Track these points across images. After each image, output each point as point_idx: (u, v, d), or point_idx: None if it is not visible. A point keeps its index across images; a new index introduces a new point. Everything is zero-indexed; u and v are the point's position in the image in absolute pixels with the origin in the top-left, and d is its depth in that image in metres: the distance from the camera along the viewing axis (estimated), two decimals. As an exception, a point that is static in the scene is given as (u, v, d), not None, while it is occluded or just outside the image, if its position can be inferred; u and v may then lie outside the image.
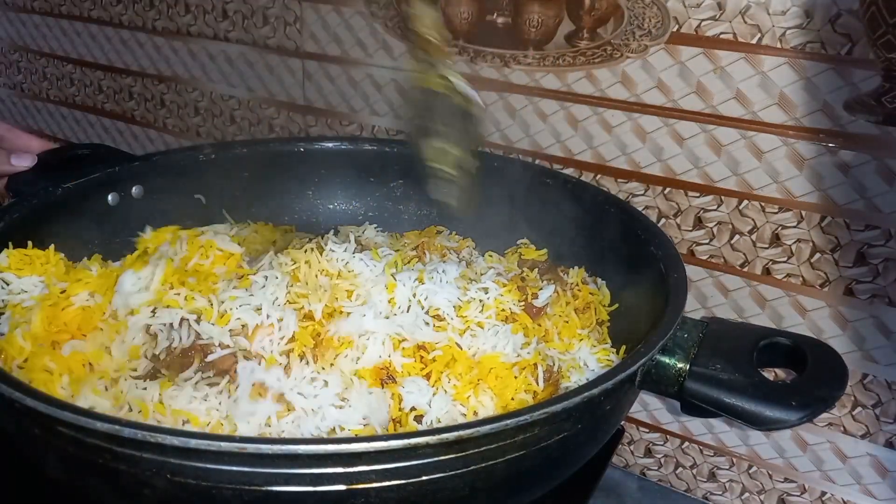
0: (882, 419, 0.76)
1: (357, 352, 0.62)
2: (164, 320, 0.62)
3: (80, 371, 0.61)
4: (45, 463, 0.54)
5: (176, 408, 0.56)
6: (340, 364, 0.62)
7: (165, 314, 0.62)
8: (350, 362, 0.62)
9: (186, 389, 0.58)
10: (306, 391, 0.59)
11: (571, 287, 0.74)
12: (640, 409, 0.90)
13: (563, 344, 0.70)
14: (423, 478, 0.47)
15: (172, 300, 0.63)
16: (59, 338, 0.63)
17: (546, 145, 0.87)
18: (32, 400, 0.47)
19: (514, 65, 0.86)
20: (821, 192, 0.73)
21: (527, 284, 0.73)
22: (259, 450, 0.43)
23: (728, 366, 0.57)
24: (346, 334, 0.63)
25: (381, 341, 0.63)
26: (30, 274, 0.69)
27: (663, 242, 0.69)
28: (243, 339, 0.61)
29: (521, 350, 0.65)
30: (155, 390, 0.57)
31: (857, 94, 0.68)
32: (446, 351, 0.63)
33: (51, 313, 0.64)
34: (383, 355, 0.62)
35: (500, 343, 0.65)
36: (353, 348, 0.62)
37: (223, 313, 0.62)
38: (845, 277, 0.74)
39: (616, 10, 0.78)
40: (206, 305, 0.63)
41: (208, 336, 0.61)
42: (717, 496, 0.89)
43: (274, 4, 1.01)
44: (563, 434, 0.51)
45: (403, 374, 0.62)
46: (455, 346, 0.64)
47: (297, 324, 0.63)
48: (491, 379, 0.63)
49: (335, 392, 0.59)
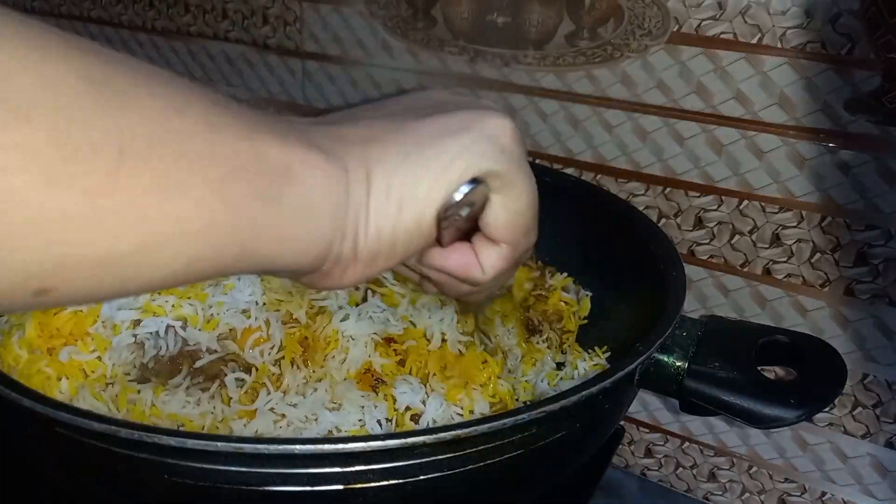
0: (882, 419, 0.75)
1: (342, 353, 0.62)
2: (150, 329, 0.62)
3: (77, 376, 0.61)
4: (43, 464, 0.55)
5: (170, 412, 0.56)
6: (329, 366, 0.62)
7: (151, 322, 0.62)
8: (337, 364, 0.62)
9: (179, 395, 0.58)
10: (297, 400, 0.59)
11: (547, 289, 0.74)
12: (640, 409, 0.90)
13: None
14: (420, 477, 0.47)
15: (159, 307, 0.63)
16: (54, 343, 0.63)
17: (546, 145, 0.87)
18: (30, 401, 0.47)
19: (514, 65, 0.86)
20: (821, 192, 0.72)
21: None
22: (256, 450, 0.43)
23: (727, 364, 0.57)
24: (330, 333, 0.63)
25: (363, 343, 0.63)
26: None
27: (663, 242, 0.69)
28: (231, 342, 0.61)
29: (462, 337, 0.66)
30: (148, 395, 0.57)
31: (857, 94, 0.68)
32: (419, 342, 0.64)
33: (43, 319, 0.63)
34: (365, 356, 0.62)
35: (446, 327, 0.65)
36: (338, 348, 0.62)
37: (209, 318, 0.63)
38: (845, 277, 0.73)
39: (616, 10, 0.78)
40: (191, 312, 0.63)
41: (195, 342, 0.61)
42: (717, 496, 0.89)
43: (274, 4, 1.01)
44: (562, 433, 0.51)
45: (390, 376, 0.62)
46: (422, 337, 0.64)
47: (282, 329, 0.63)
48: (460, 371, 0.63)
49: (328, 397, 0.59)
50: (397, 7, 0.92)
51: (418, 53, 0.93)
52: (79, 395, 0.58)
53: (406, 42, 0.93)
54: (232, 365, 0.60)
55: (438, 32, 0.90)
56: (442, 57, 0.91)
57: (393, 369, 0.62)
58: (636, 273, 0.70)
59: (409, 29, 0.92)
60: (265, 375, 0.60)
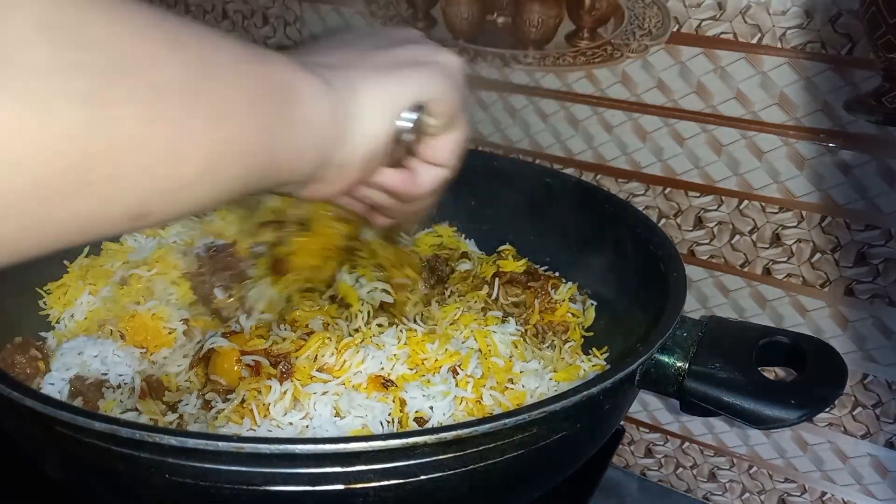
0: (882, 419, 0.76)
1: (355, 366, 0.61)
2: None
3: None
4: (44, 463, 0.55)
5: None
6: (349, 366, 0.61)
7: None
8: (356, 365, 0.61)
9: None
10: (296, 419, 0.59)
11: (552, 304, 0.74)
12: (641, 409, 0.90)
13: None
14: (421, 477, 0.47)
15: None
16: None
17: (546, 145, 0.87)
18: (31, 400, 0.47)
19: (514, 65, 0.86)
20: (821, 192, 0.72)
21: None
22: (257, 449, 0.43)
23: (727, 365, 0.57)
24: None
25: (385, 358, 0.62)
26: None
27: (663, 242, 0.69)
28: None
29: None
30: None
31: (857, 94, 0.68)
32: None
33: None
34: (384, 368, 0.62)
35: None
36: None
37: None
38: (845, 277, 0.74)
39: (616, 10, 0.78)
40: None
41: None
42: (717, 496, 0.89)
43: (274, 4, 1.01)
44: (563, 433, 0.51)
45: (402, 381, 0.62)
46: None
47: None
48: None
49: (331, 412, 0.59)
50: (397, 7, 0.92)
51: (418, 53, 0.93)
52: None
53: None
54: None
55: (438, 32, 0.90)
56: (442, 57, 0.91)
57: (409, 378, 0.62)
58: (636, 274, 0.70)
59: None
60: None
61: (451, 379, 0.62)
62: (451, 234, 0.87)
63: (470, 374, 0.63)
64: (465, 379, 0.62)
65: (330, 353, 0.61)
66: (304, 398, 0.58)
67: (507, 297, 0.76)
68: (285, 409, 0.58)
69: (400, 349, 0.63)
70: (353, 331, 0.64)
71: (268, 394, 0.58)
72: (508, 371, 0.65)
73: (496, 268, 0.79)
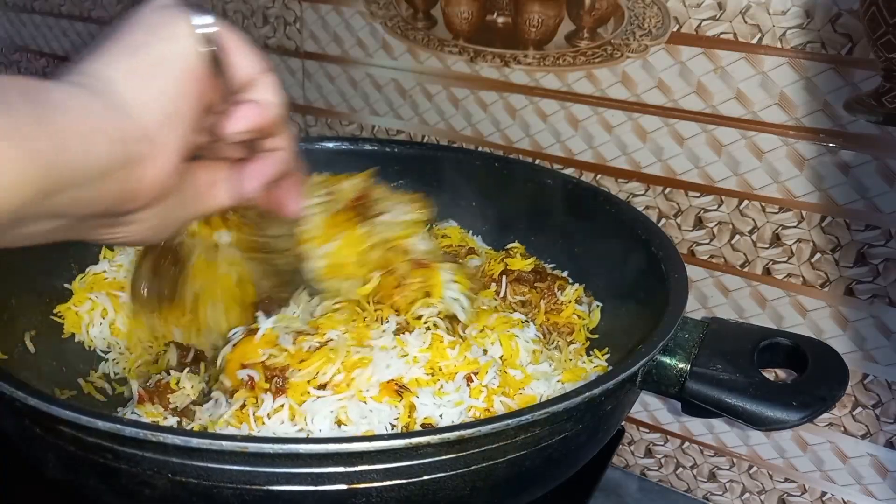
0: (882, 419, 0.76)
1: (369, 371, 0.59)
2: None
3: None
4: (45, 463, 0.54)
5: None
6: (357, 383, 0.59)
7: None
8: (364, 381, 0.59)
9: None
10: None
11: (558, 304, 0.74)
12: (641, 409, 0.90)
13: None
14: (424, 477, 0.47)
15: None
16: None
17: (546, 145, 0.87)
18: (34, 399, 0.47)
19: (514, 65, 0.86)
20: (821, 192, 0.73)
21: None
22: (260, 449, 0.43)
23: (729, 366, 0.57)
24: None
25: (404, 361, 0.61)
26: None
27: (664, 243, 0.69)
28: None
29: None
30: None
31: (857, 94, 0.68)
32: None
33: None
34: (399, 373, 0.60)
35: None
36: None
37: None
38: (845, 277, 0.74)
39: (616, 10, 0.78)
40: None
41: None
42: (717, 496, 0.89)
43: (274, 4, 1.01)
44: (564, 434, 0.51)
45: (416, 384, 0.60)
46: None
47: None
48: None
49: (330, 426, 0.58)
50: (397, 7, 0.92)
51: (418, 53, 0.93)
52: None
53: (406, 42, 0.93)
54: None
55: (438, 32, 0.90)
56: (442, 57, 0.91)
57: (423, 383, 0.61)
58: (637, 275, 0.70)
59: (409, 29, 0.92)
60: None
61: (465, 388, 0.60)
62: (457, 231, 0.86)
63: (485, 384, 0.61)
64: (478, 387, 0.61)
65: (334, 370, 0.59)
66: (300, 416, 0.57)
67: (514, 296, 0.75)
68: (282, 420, 0.57)
69: (422, 352, 0.61)
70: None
71: (261, 406, 0.57)
72: (525, 384, 0.64)
73: (504, 265, 0.78)
